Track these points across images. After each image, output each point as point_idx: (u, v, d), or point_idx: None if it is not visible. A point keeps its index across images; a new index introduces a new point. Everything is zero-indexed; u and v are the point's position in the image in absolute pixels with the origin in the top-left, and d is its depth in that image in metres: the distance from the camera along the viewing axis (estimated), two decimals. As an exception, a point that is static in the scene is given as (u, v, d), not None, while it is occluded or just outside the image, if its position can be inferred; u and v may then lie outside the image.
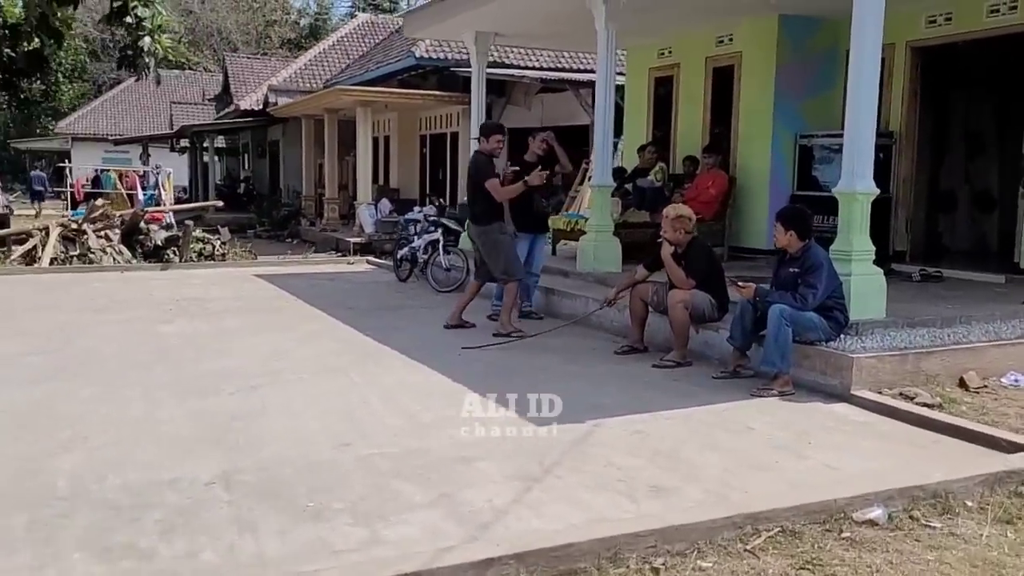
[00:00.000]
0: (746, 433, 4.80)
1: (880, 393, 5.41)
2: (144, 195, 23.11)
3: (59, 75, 19.06)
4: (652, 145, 11.06)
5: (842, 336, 5.77)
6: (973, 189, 10.93)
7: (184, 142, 34.97)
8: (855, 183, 6.05)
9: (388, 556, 3.09)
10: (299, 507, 3.65)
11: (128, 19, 11.57)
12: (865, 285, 6.03)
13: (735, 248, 10.43)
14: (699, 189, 10.28)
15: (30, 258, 12.76)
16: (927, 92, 9.77)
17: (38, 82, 17.82)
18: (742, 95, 10.54)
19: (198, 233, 14.35)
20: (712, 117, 11.09)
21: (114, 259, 12.84)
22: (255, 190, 32.07)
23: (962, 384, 5.69)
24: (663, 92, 12.01)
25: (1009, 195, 9.41)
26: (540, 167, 7.94)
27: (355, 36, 30.25)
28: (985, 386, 5.68)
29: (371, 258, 14.22)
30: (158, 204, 22.83)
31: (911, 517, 3.67)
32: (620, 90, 13.32)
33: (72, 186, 23.41)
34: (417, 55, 19.90)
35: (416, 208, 16.13)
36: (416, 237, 11.22)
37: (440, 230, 10.76)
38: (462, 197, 22.08)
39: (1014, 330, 6.28)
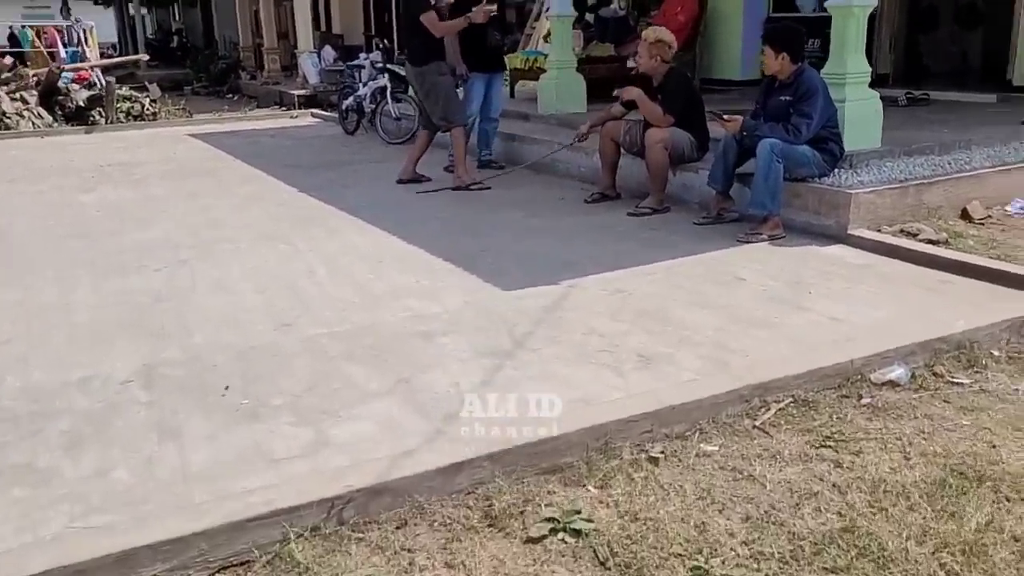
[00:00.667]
0: (737, 285, 4.30)
1: (880, 231, 4.92)
2: (66, 52, 21.34)
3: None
4: (613, -32, 10.08)
5: (836, 170, 5.22)
6: (956, 3, 10.17)
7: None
8: (846, -6, 5.32)
9: (337, 466, 2.58)
10: (232, 405, 3.10)
11: None
12: (861, 111, 5.43)
13: (707, 80, 9.69)
14: (667, 16, 9.42)
15: (-63, 127, 11.62)
16: None
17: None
18: (712, -94, 9.51)
19: (125, 91, 13.18)
20: (679, -66, 10.05)
21: (33, 123, 11.74)
22: (189, 43, 30.02)
23: (965, 216, 5.21)
24: (624, -92, 10.86)
25: (1001, 8, 8.67)
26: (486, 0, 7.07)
27: None
28: (990, 216, 5.21)
29: (316, 111, 13.24)
30: (82, 61, 21.16)
31: (935, 374, 3.24)
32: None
33: (-15, 46, 21.46)
34: None
35: (361, 54, 14.90)
36: (362, 85, 10.29)
37: (387, 76, 9.84)
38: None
39: (1016, 153, 5.77)
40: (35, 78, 12.70)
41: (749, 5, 9.32)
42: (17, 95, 12.24)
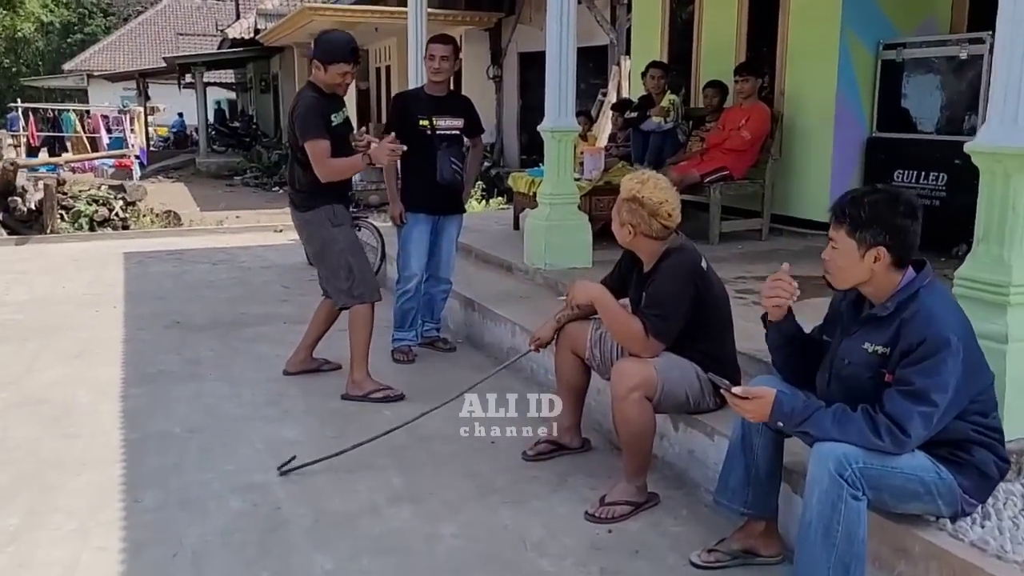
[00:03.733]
0: None
1: None
2: (109, 139, 20.30)
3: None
4: (656, 67, 7.48)
5: (993, 501, 2.45)
6: None
7: (189, 78, 32.15)
8: (1015, 132, 2.64)
9: None
10: None
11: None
12: (1039, 364, 2.68)
13: (779, 218, 7.01)
14: (727, 130, 6.84)
15: None
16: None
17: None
18: (795, -13, 6.97)
19: (101, 191, 11.36)
20: (750, 24, 7.53)
21: (-31, 229, 9.97)
22: (259, 129, 29.11)
23: None
24: (684, -9, 8.45)
25: None
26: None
27: (365, -50, 26.51)
28: None
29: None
30: (124, 147, 20.02)
31: None
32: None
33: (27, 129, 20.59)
34: (404, -37, 16.34)
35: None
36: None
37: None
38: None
39: None
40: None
41: (842, 118, 6.65)
42: (-34, 193, 10.55)
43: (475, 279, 5.93)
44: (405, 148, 4.29)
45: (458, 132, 5.05)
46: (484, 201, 12.06)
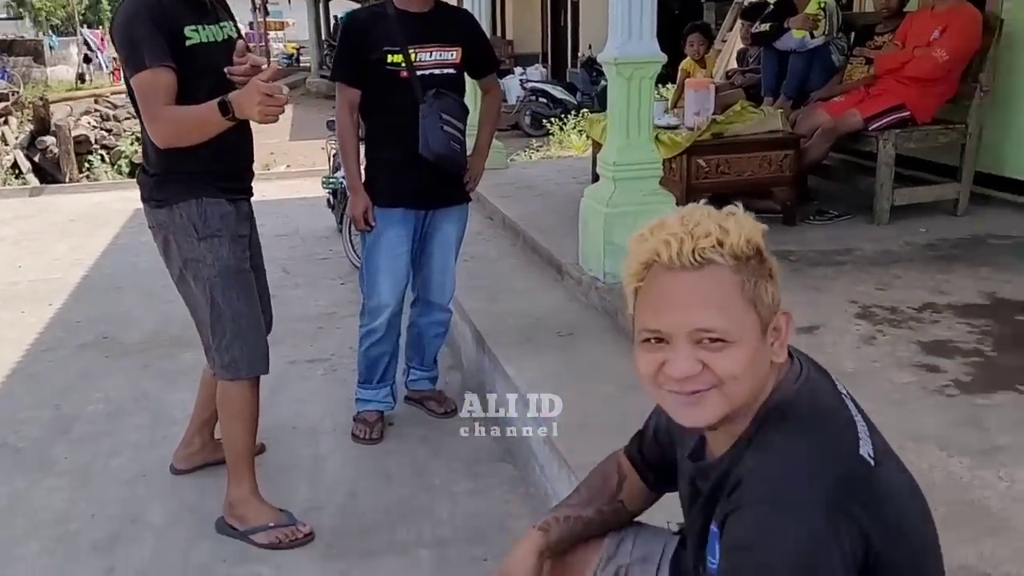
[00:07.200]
0: None
1: None
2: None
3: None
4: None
5: None
6: None
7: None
8: None
9: None
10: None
11: None
12: None
13: (987, 178, 4.66)
14: (910, 48, 4.50)
15: None
16: None
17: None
18: None
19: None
20: None
21: (-7, 175, 8.82)
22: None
23: None
24: None
25: None
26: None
27: None
28: None
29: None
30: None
31: None
32: None
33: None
34: None
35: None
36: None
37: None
38: (584, 49, 16.33)
39: None
40: (33, 106, 9.78)
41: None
42: (-2, 133, 9.43)
43: (506, 286, 4.00)
44: (286, 91, 2.36)
45: (454, 72, 3.05)
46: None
